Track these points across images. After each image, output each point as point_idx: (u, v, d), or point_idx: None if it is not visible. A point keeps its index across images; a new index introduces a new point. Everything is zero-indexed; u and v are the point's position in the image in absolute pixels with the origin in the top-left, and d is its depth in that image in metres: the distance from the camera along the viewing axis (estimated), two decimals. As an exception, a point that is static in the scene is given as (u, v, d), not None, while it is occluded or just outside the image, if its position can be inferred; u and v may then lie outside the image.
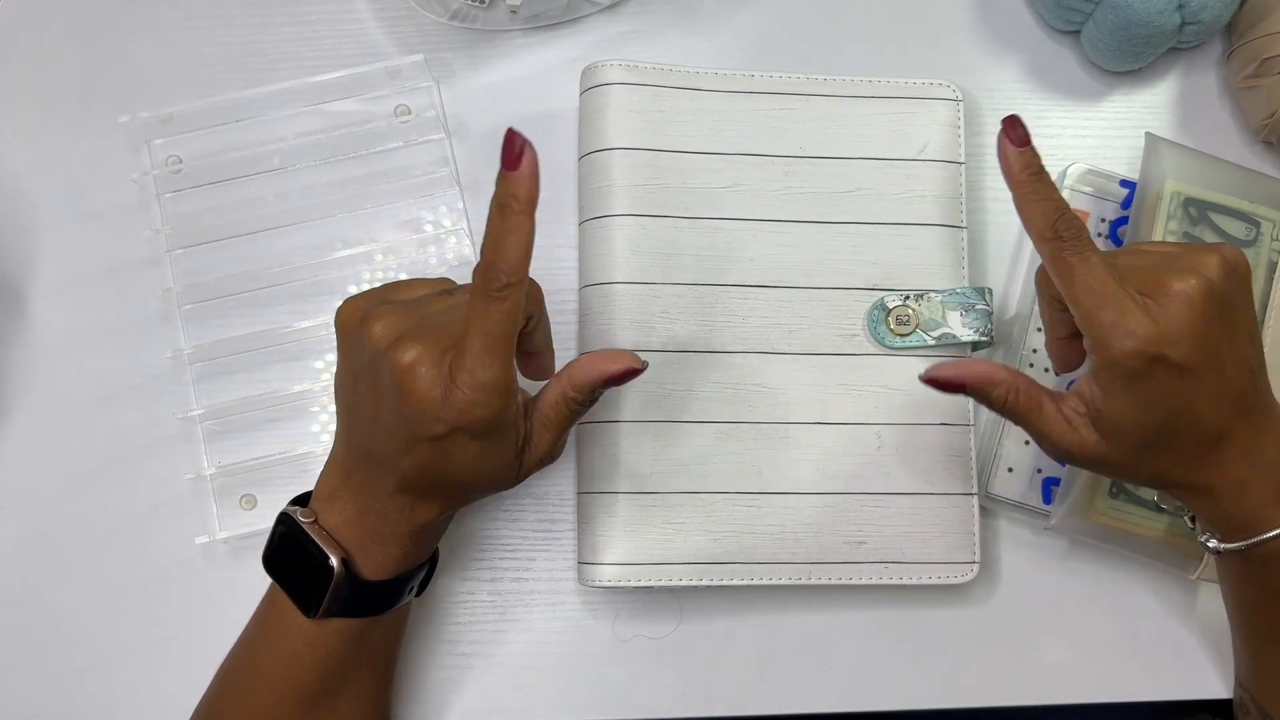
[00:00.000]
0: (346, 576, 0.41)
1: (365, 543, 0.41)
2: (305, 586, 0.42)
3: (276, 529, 0.43)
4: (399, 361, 0.38)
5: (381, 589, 0.42)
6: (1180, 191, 0.52)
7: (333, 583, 0.41)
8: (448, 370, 0.37)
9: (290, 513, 0.42)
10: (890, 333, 0.51)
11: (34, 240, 0.53)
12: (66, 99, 0.55)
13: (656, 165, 0.51)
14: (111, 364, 0.52)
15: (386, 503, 0.41)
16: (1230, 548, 0.43)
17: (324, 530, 0.42)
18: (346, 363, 0.42)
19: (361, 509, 0.41)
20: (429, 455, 0.39)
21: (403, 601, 0.44)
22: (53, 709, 0.50)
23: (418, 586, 0.45)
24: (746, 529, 0.49)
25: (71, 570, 0.51)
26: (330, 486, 0.42)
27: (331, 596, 0.41)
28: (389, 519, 0.41)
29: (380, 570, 0.42)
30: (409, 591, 0.44)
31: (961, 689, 0.52)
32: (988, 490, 0.52)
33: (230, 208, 0.54)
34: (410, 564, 0.43)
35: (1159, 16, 0.52)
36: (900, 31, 0.58)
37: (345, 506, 0.42)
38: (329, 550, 0.41)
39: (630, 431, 0.49)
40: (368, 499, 0.41)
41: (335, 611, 0.42)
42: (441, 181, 0.54)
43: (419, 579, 0.45)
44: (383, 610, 0.43)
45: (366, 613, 0.43)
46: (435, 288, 0.43)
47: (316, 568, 0.41)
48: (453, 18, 0.55)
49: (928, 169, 0.53)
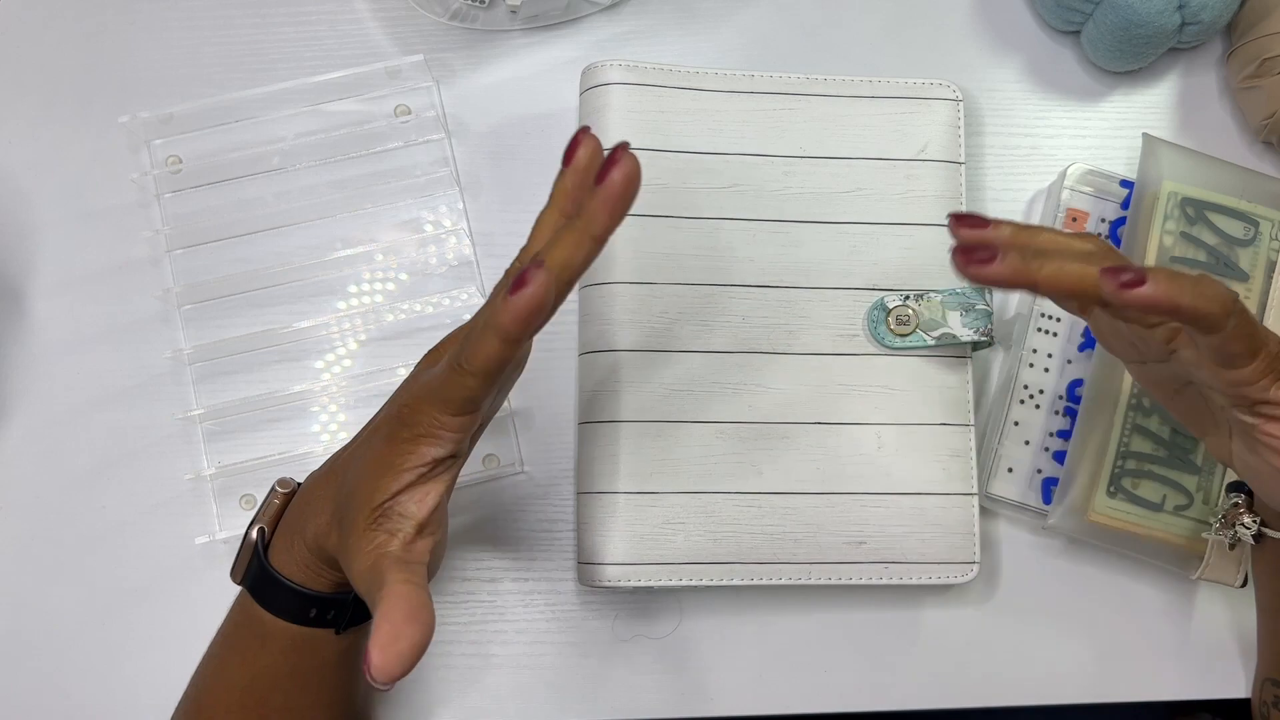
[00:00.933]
0: (255, 549, 0.42)
1: (284, 531, 0.42)
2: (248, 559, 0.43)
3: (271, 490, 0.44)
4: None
5: (279, 585, 0.41)
6: (1177, 192, 0.52)
7: (241, 545, 0.43)
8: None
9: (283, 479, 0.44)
10: (890, 333, 0.51)
11: (34, 240, 0.53)
12: (66, 99, 0.55)
13: (656, 165, 0.51)
14: (111, 364, 0.52)
15: (309, 505, 0.42)
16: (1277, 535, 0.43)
17: (276, 503, 0.43)
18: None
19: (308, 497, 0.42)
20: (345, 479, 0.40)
21: (310, 621, 0.42)
22: (52, 709, 0.50)
23: (333, 621, 0.42)
24: (746, 529, 0.49)
25: (71, 570, 0.51)
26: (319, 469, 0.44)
27: (240, 558, 0.43)
28: (300, 517, 0.42)
29: (282, 564, 0.42)
30: (312, 615, 0.42)
31: (961, 689, 0.52)
32: (988, 490, 0.52)
33: (230, 208, 0.54)
34: (305, 577, 0.41)
35: (1159, 16, 0.52)
36: (900, 31, 0.58)
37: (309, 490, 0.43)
38: (259, 519, 0.43)
39: (630, 431, 0.49)
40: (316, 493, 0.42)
41: (244, 582, 0.43)
42: (441, 181, 0.54)
43: (329, 613, 0.42)
44: (281, 611, 0.42)
45: (267, 604, 0.42)
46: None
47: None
48: (453, 18, 0.55)
49: (928, 169, 0.53)
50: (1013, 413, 0.53)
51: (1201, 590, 0.53)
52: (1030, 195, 0.57)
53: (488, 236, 0.54)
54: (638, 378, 0.50)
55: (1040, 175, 0.57)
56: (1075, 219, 0.54)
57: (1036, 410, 0.53)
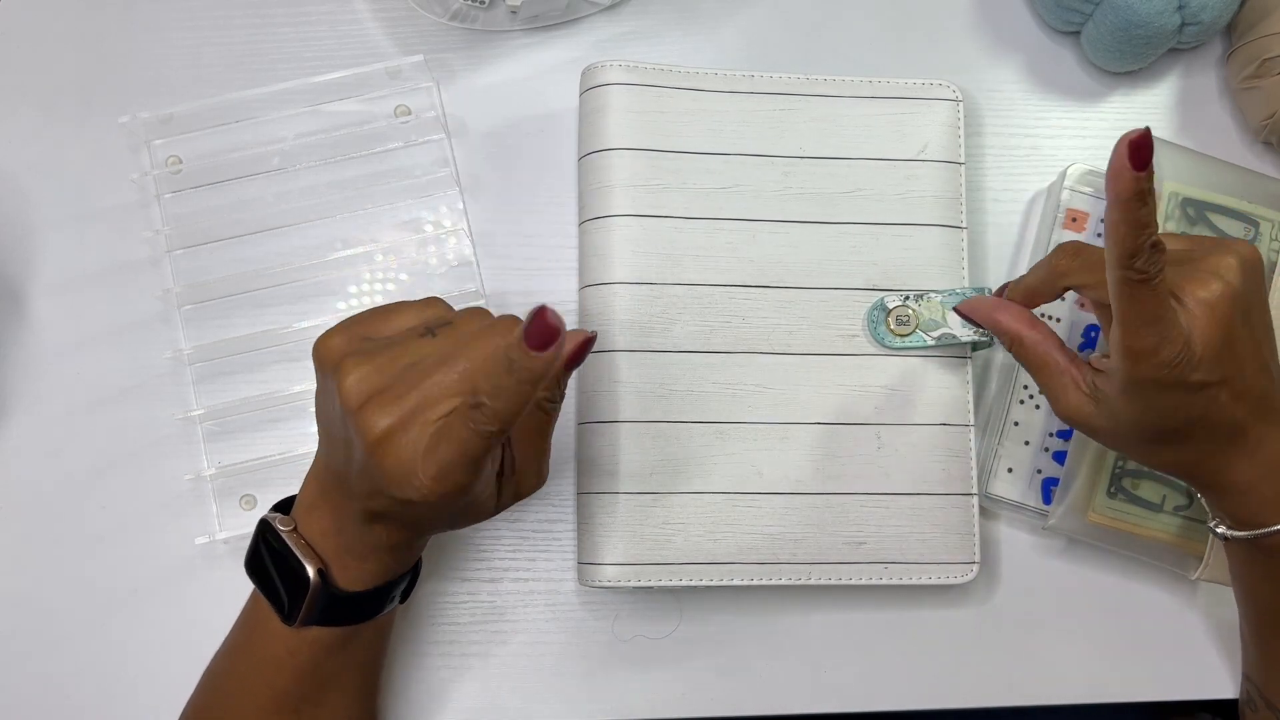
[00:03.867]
0: (323, 587, 0.40)
1: (341, 556, 0.41)
2: (285, 594, 0.41)
3: (257, 534, 0.43)
4: (369, 430, 0.36)
5: (360, 599, 0.42)
6: (1178, 192, 0.52)
7: (309, 593, 0.40)
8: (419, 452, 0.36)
9: (270, 520, 0.42)
10: (890, 333, 0.51)
11: (34, 240, 0.53)
12: (66, 99, 0.55)
13: (656, 165, 0.51)
14: (111, 364, 0.52)
15: (359, 527, 0.40)
16: (1239, 536, 0.43)
17: (303, 539, 0.41)
18: (322, 397, 0.40)
19: (338, 524, 0.41)
20: (397, 509, 0.38)
21: (384, 611, 0.43)
22: (52, 709, 0.50)
23: (400, 595, 0.44)
24: (746, 529, 0.49)
25: (71, 570, 0.51)
26: (310, 497, 0.42)
27: (309, 606, 0.40)
28: (363, 539, 0.41)
29: (357, 582, 0.41)
30: (390, 601, 0.43)
31: (961, 689, 0.52)
32: (987, 490, 0.52)
33: (230, 208, 0.54)
34: (388, 576, 0.42)
35: (1159, 17, 0.52)
36: (900, 31, 0.58)
37: (323, 518, 0.41)
38: (306, 560, 0.40)
39: (630, 431, 0.49)
40: (343, 519, 0.41)
41: (313, 621, 0.41)
42: (441, 182, 0.54)
43: (401, 588, 0.44)
44: (363, 619, 0.42)
45: (346, 622, 0.42)
46: (420, 318, 0.40)
47: (295, 577, 0.41)
48: (453, 18, 0.55)
49: (928, 169, 0.53)
50: (1013, 413, 0.53)
51: (1201, 590, 0.53)
52: (1030, 195, 0.57)
53: (488, 237, 0.54)
54: (638, 378, 0.50)
55: (1040, 175, 0.57)
56: (1075, 219, 0.54)
57: (1036, 410, 0.53)
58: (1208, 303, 0.39)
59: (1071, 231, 0.54)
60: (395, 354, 0.38)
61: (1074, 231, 0.54)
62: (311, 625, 0.41)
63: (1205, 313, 0.38)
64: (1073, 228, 0.54)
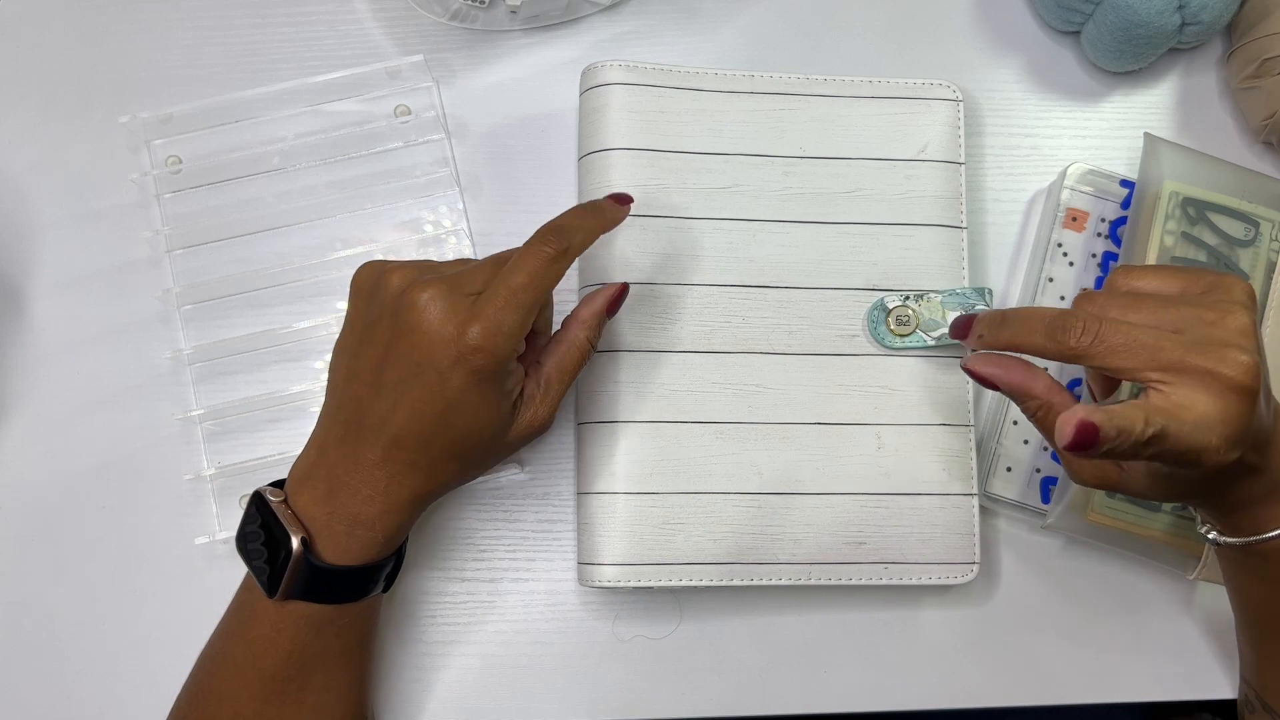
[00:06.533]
0: (305, 558, 0.41)
1: (331, 524, 0.42)
2: (269, 566, 0.42)
3: (249, 505, 0.43)
4: (415, 300, 0.40)
5: (343, 576, 0.42)
6: (1179, 192, 0.52)
7: (291, 561, 0.41)
8: (466, 310, 0.40)
9: (262, 491, 0.43)
10: (890, 333, 0.51)
11: (34, 240, 0.53)
12: (66, 99, 0.55)
13: (656, 165, 0.51)
14: (111, 364, 0.52)
15: (365, 475, 0.41)
16: (1232, 542, 0.43)
17: (290, 510, 0.42)
18: (356, 321, 0.43)
19: (333, 487, 0.42)
20: (427, 402, 0.40)
21: (369, 595, 0.44)
22: (52, 709, 0.50)
23: (384, 581, 0.45)
24: (746, 529, 0.49)
25: (71, 570, 0.51)
26: (303, 469, 0.43)
27: (290, 577, 0.41)
28: (361, 495, 0.41)
29: (343, 555, 0.42)
30: (374, 585, 0.44)
31: (961, 689, 0.52)
32: (987, 490, 0.52)
33: (230, 208, 0.54)
34: (374, 553, 0.43)
35: (1159, 17, 0.53)
36: (900, 31, 0.58)
37: (316, 486, 0.42)
38: (291, 529, 0.41)
39: (630, 431, 0.49)
40: (343, 475, 0.41)
41: (296, 593, 0.42)
42: (441, 182, 0.54)
43: (384, 573, 0.44)
44: (346, 599, 0.43)
45: (329, 599, 0.42)
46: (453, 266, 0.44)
47: (280, 548, 0.41)
48: (453, 18, 0.55)
49: (928, 169, 0.53)
50: (1012, 412, 0.53)
51: (1200, 590, 0.53)
52: (1030, 195, 0.57)
53: (488, 237, 0.54)
54: (638, 378, 0.50)
55: (1040, 175, 0.57)
56: (1075, 219, 0.54)
57: (1036, 410, 0.53)
58: (1234, 385, 0.37)
59: (1072, 231, 0.54)
60: (434, 266, 0.43)
61: (1074, 231, 0.54)
62: (295, 599, 0.42)
63: (1234, 399, 0.37)
64: (1073, 227, 0.54)
